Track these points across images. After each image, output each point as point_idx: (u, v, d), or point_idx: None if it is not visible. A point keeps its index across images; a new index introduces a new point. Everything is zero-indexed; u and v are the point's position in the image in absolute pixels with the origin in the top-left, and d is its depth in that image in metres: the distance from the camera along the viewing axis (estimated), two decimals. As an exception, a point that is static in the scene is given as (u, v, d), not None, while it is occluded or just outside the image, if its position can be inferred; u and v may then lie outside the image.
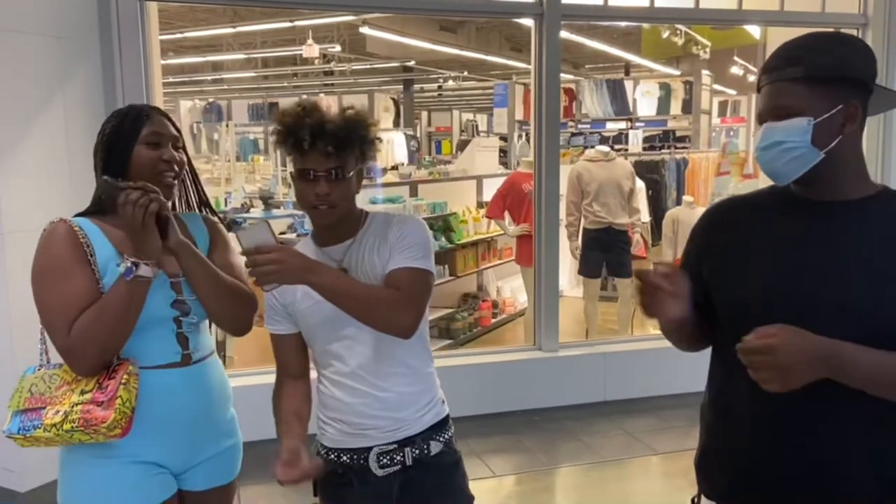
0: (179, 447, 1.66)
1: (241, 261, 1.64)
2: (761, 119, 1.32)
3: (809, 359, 1.17)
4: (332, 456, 1.72)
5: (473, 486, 1.80)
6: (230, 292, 1.69)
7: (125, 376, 1.51)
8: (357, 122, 1.62)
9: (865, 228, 1.27)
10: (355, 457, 1.69)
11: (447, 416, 1.78)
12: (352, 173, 1.63)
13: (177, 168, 1.67)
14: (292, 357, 1.76)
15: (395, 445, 1.68)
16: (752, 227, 1.40)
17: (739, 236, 1.41)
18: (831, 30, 1.36)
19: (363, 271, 1.66)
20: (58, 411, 1.49)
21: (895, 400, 1.21)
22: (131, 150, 1.62)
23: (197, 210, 1.84)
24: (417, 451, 1.69)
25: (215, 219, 1.84)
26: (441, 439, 1.74)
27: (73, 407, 1.49)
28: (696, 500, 1.49)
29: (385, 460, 1.68)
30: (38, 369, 1.60)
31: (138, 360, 1.58)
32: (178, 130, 1.72)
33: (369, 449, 1.68)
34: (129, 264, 1.50)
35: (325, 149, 1.56)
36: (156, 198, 1.52)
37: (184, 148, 1.72)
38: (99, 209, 1.64)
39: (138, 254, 1.51)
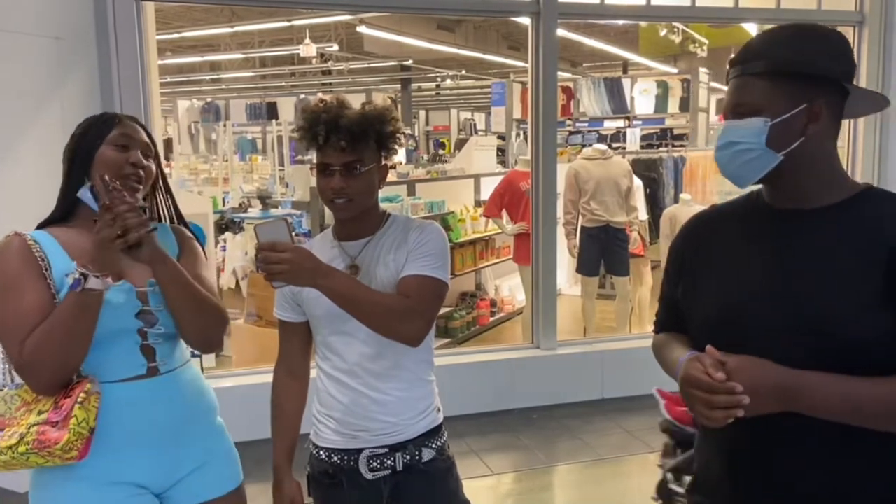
0: (156, 463, 1.57)
1: (211, 274, 1.63)
2: (724, 115, 1.24)
3: (765, 391, 1.10)
4: (324, 455, 1.72)
5: (471, 485, 1.81)
6: (202, 305, 1.60)
7: (82, 395, 1.43)
8: (374, 117, 1.63)
9: (830, 240, 1.17)
10: (345, 458, 1.68)
11: (441, 424, 1.77)
12: (370, 167, 1.64)
13: (142, 174, 1.58)
14: (295, 346, 1.78)
15: (387, 450, 1.67)
16: (721, 241, 1.32)
17: (709, 251, 1.33)
18: (816, 23, 1.28)
19: (375, 271, 1.66)
20: (14, 433, 1.42)
21: (865, 426, 1.11)
22: (96, 151, 1.55)
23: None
24: (409, 458, 1.68)
25: (187, 231, 1.76)
26: (433, 446, 1.72)
27: (29, 428, 1.41)
28: None
29: (375, 464, 1.67)
30: (1, 389, 1.52)
31: (101, 375, 1.50)
32: (153, 142, 1.65)
33: (360, 451, 1.67)
34: (76, 275, 1.40)
35: (339, 143, 1.58)
36: (141, 224, 1.44)
37: (157, 159, 1.66)
38: (63, 217, 1.59)
39: (93, 265, 1.41)
